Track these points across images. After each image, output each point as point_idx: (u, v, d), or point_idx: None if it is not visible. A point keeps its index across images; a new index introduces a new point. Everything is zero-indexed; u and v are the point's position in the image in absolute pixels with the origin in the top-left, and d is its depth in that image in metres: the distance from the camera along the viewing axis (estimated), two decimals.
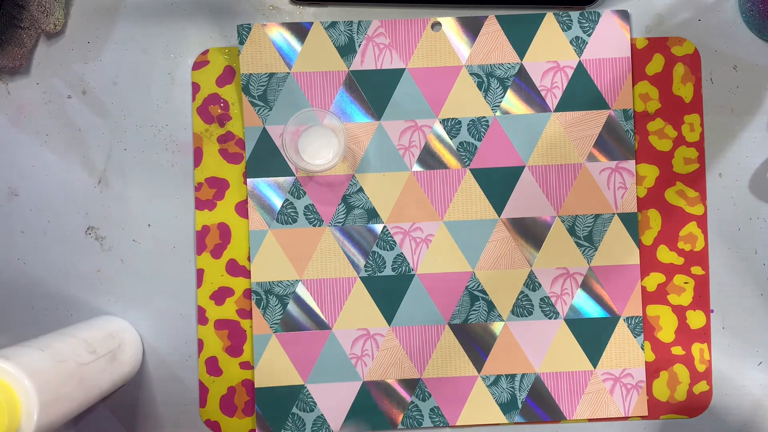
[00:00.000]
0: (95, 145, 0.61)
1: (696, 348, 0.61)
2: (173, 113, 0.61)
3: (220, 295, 0.60)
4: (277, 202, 0.60)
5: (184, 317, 0.61)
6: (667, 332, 0.60)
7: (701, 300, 0.61)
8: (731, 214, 0.61)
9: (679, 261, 0.61)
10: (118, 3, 0.61)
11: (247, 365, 0.60)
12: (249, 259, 0.60)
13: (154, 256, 0.61)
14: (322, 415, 0.60)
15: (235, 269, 0.60)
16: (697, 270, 0.61)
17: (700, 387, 0.61)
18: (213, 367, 0.60)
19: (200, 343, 0.60)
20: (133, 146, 0.61)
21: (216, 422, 0.60)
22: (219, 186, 0.60)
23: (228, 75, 0.61)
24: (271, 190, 0.60)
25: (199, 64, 0.61)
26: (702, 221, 0.61)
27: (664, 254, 0.61)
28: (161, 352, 0.61)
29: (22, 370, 0.45)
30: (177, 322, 0.61)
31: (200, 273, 0.60)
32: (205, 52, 0.60)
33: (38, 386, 0.45)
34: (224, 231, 0.60)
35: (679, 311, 0.61)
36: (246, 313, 0.60)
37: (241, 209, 0.60)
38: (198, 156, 0.60)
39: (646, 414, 0.60)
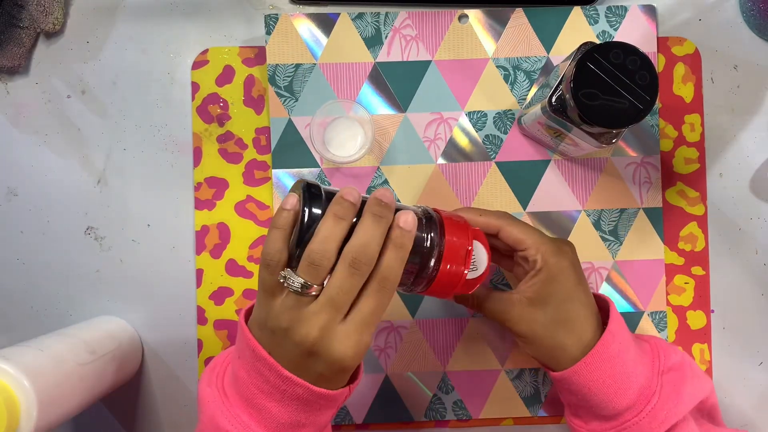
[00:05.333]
0: (94, 145, 0.61)
1: (696, 348, 0.61)
2: (173, 113, 0.61)
3: (220, 295, 0.60)
4: None
5: (184, 317, 0.61)
6: (667, 333, 0.60)
7: (702, 300, 0.61)
8: (731, 214, 0.61)
9: (680, 261, 0.61)
10: (118, 2, 0.61)
11: None
12: (248, 259, 0.60)
13: (154, 256, 0.61)
14: (345, 407, 0.60)
15: (235, 269, 0.60)
16: (697, 270, 0.61)
17: None
18: None
19: (200, 343, 0.60)
20: (133, 146, 0.61)
21: None
22: (218, 186, 0.60)
23: (228, 74, 0.60)
24: (294, 181, 0.60)
25: (199, 63, 0.60)
26: (702, 221, 0.61)
27: (665, 254, 0.61)
28: (161, 352, 0.61)
29: (22, 371, 0.45)
30: (177, 322, 0.61)
31: (199, 273, 0.60)
32: (205, 51, 0.60)
33: (37, 386, 0.45)
34: (224, 231, 0.60)
35: (680, 311, 0.61)
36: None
37: (241, 209, 0.60)
38: (197, 156, 0.60)
39: None
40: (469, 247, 0.45)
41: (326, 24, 0.60)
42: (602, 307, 0.53)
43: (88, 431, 0.61)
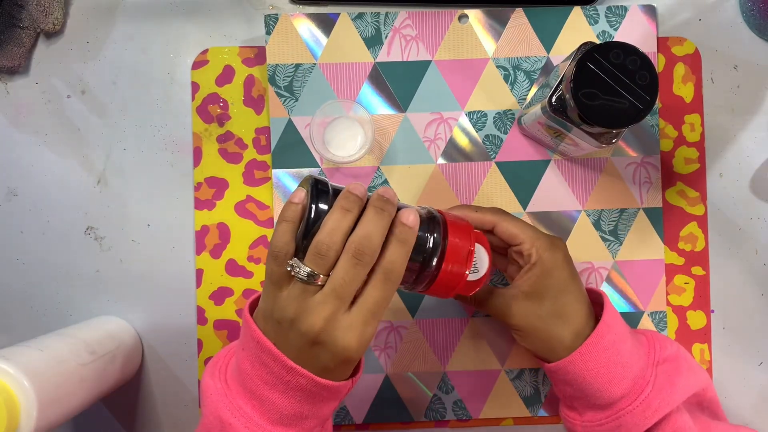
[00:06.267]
0: (94, 145, 0.61)
1: (696, 348, 0.61)
2: (173, 113, 0.61)
3: (220, 295, 0.60)
4: None
5: (184, 317, 0.61)
6: (667, 333, 0.60)
7: (702, 300, 0.61)
8: (731, 214, 0.61)
9: (680, 261, 0.61)
10: (118, 2, 0.61)
11: None
12: (248, 259, 0.60)
13: (154, 256, 0.61)
14: (345, 407, 0.60)
15: (235, 269, 0.60)
16: (697, 270, 0.61)
17: None
18: None
19: (200, 344, 0.60)
20: (133, 146, 0.61)
21: None
22: (218, 186, 0.60)
23: (228, 74, 0.60)
24: (294, 182, 0.60)
25: (199, 63, 0.60)
26: (702, 221, 0.61)
27: (665, 254, 0.61)
28: (161, 352, 0.61)
29: (22, 371, 0.45)
30: (177, 322, 0.61)
31: (199, 273, 0.60)
32: (205, 51, 0.60)
33: (37, 387, 0.45)
34: (223, 231, 0.60)
35: (680, 311, 0.61)
36: None
37: (241, 209, 0.60)
38: (197, 156, 0.60)
39: None
40: (471, 248, 0.46)
41: (326, 24, 0.60)
42: (597, 301, 0.54)
43: (88, 431, 0.61)
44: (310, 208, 0.43)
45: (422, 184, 0.60)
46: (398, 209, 0.45)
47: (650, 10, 0.60)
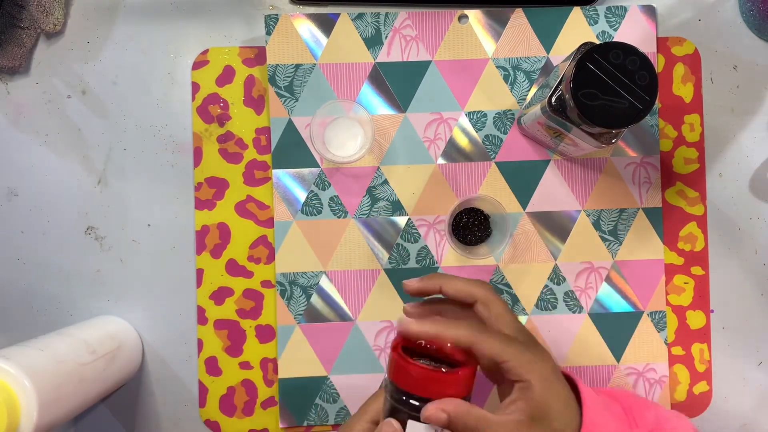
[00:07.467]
0: (95, 145, 0.61)
1: (696, 348, 0.61)
2: (173, 113, 0.61)
3: (220, 294, 0.60)
4: (300, 195, 0.60)
5: (184, 317, 0.61)
6: (667, 332, 0.60)
7: (701, 300, 0.61)
8: (731, 214, 0.61)
9: (679, 261, 0.61)
10: (118, 3, 0.61)
11: (246, 365, 0.60)
12: (248, 259, 0.60)
13: (154, 256, 0.61)
14: (345, 406, 0.60)
15: (235, 269, 0.60)
16: (697, 270, 0.61)
17: (700, 387, 0.61)
18: (212, 367, 0.60)
19: (200, 343, 0.60)
20: (133, 146, 0.61)
21: (216, 422, 0.60)
22: (219, 186, 0.60)
23: (228, 75, 0.60)
24: (294, 182, 0.60)
25: (199, 63, 0.60)
26: (702, 221, 0.61)
27: (665, 254, 0.61)
28: (161, 352, 0.61)
29: (22, 371, 0.45)
30: (177, 322, 0.61)
31: (200, 273, 0.60)
32: (205, 51, 0.60)
33: (38, 386, 0.45)
34: (224, 231, 0.60)
35: (679, 311, 0.61)
36: (245, 313, 0.60)
37: (241, 209, 0.60)
38: (198, 156, 0.60)
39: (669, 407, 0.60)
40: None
41: (326, 24, 0.60)
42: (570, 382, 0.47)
43: (88, 431, 0.61)
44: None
45: (422, 184, 0.60)
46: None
47: (650, 11, 0.60)
